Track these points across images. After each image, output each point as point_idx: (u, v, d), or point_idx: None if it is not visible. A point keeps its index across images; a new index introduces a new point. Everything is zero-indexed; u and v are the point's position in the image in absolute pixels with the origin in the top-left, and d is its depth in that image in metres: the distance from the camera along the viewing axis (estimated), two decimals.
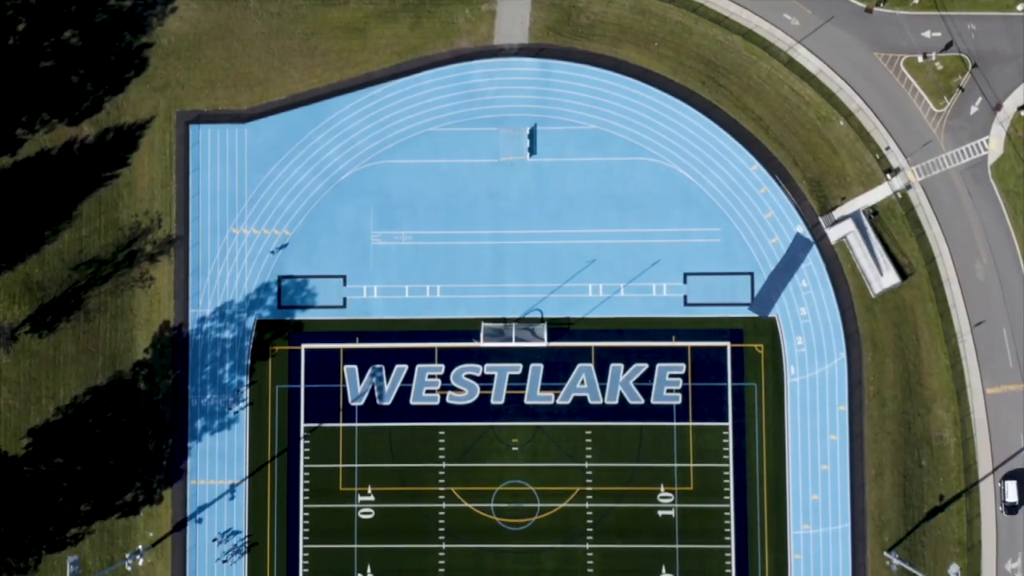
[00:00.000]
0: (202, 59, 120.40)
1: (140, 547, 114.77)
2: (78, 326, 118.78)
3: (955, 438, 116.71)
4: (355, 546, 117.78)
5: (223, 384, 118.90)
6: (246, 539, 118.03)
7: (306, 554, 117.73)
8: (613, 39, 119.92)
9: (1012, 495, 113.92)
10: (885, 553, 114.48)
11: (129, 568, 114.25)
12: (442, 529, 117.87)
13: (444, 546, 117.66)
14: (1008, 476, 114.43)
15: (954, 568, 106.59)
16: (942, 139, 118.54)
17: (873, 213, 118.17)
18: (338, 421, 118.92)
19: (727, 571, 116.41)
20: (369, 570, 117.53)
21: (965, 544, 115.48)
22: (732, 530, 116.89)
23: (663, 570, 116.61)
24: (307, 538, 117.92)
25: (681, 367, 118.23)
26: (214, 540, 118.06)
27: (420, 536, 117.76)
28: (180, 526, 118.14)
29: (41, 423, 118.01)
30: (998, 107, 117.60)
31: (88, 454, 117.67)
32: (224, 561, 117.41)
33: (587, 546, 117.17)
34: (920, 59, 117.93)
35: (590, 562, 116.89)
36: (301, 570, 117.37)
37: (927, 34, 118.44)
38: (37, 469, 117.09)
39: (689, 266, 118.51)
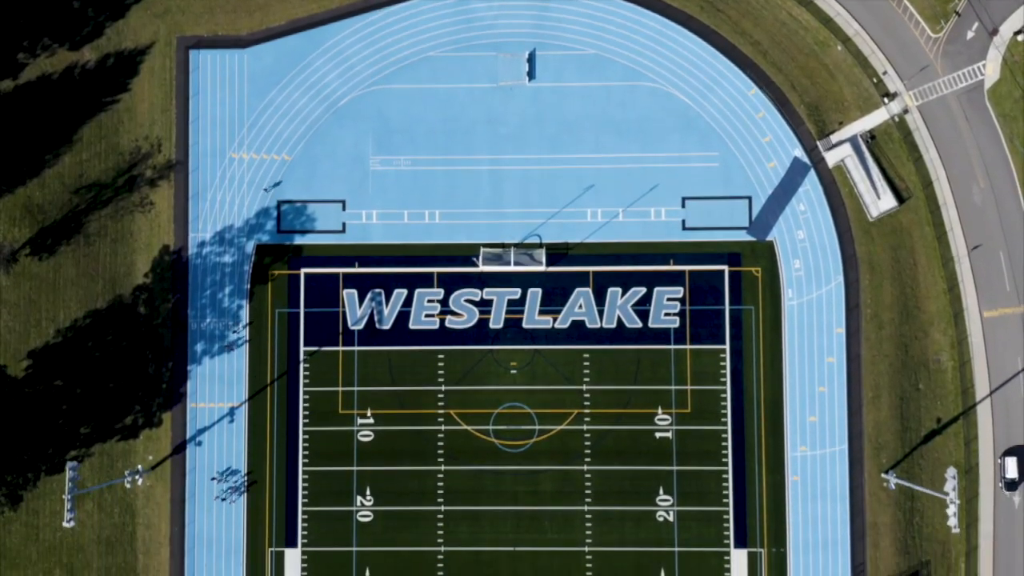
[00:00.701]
0: None
1: (139, 467, 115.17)
2: (78, 250, 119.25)
3: (952, 361, 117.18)
4: (354, 468, 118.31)
5: (223, 308, 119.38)
6: (245, 477, 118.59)
7: (305, 477, 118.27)
8: None
9: (1012, 471, 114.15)
10: (883, 475, 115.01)
11: (128, 486, 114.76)
12: (441, 451, 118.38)
13: (443, 468, 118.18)
14: (1008, 452, 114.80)
15: (951, 471, 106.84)
16: (939, 64, 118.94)
17: (871, 137, 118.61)
18: (337, 345, 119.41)
19: (724, 493, 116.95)
20: (368, 492, 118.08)
21: (963, 467, 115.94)
22: (729, 452, 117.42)
23: (660, 491, 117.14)
24: (306, 461, 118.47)
25: (679, 291, 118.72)
26: (213, 479, 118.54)
27: (419, 458, 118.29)
28: (179, 449, 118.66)
29: (41, 345, 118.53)
30: (994, 32, 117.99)
31: (88, 377, 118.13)
32: (223, 499, 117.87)
33: (585, 468, 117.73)
34: None
35: (588, 483, 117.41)
36: (300, 493, 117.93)
37: None
38: (37, 391, 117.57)
39: (687, 190, 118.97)
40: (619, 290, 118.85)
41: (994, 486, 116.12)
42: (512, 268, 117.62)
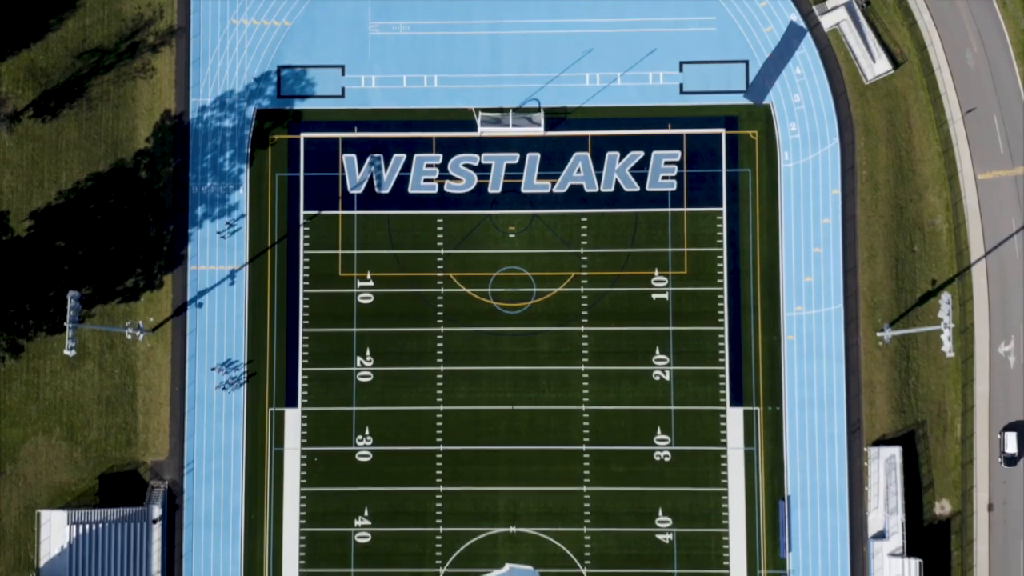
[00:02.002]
0: None
1: (140, 323, 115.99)
2: (81, 113, 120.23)
3: (947, 224, 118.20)
4: (354, 330, 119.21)
5: (223, 172, 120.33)
6: (245, 367, 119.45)
7: (306, 338, 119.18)
8: None
9: (1011, 446, 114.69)
10: (878, 333, 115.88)
11: (129, 337, 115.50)
12: (440, 313, 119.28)
13: (442, 329, 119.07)
14: (1008, 428, 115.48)
15: (946, 296, 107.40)
16: None
17: (866, 3, 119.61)
18: (337, 209, 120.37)
19: (720, 352, 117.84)
20: (368, 353, 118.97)
21: (959, 328, 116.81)
22: (726, 312, 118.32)
23: (657, 351, 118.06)
24: (307, 322, 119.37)
25: (676, 154, 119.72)
26: (212, 369, 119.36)
27: (419, 320, 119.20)
28: (180, 311, 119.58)
29: (43, 206, 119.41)
30: None
31: (89, 239, 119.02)
32: (224, 389, 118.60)
33: (582, 329, 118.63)
34: None
35: (585, 344, 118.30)
36: (301, 353, 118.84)
37: None
38: (39, 251, 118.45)
39: (685, 55, 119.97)
40: (617, 154, 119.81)
41: (989, 348, 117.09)
42: (511, 130, 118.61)
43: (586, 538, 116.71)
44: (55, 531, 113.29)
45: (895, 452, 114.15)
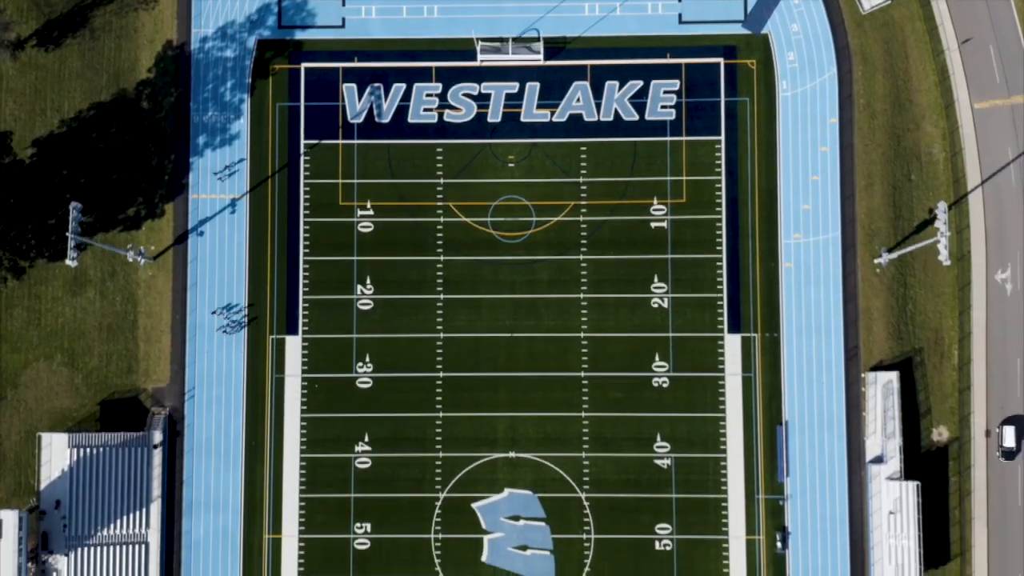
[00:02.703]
0: None
1: (142, 248, 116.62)
2: (83, 43, 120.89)
3: (944, 153, 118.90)
4: (354, 258, 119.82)
5: (224, 102, 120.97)
6: (246, 311, 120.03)
7: (306, 266, 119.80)
8: None
9: (1010, 441, 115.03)
10: (876, 260, 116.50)
11: (130, 259, 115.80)
12: (440, 242, 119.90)
13: (442, 258, 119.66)
14: (1006, 422, 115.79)
15: (941, 206, 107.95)
16: None
17: None
18: (337, 138, 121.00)
19: (719, 280, 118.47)
20: (368, 281, 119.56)
21: (955, 256, 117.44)
22: (724, 240, 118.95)
23: (655, 279, 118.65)
24: (307, 251, 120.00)
25: (675, 84, 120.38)
26: (214, 312, 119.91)
27: (418, 249, 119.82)
28: (181, 239, 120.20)
29: (46, 134, 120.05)
30: None
31: (91, 168, 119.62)
32: (225, 332, 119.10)
33: (581, 257, 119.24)
34: None
35: (584, 272, 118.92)
36: (301, 281, 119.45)
37: None
38: (41, 179, 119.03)
39: None
40: (616, 83, 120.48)
41: (986, 275, 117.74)
42: (510, 59, 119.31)
43: (584, 463, 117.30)
44: (56, 454, 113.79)
45: (892, 377, 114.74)
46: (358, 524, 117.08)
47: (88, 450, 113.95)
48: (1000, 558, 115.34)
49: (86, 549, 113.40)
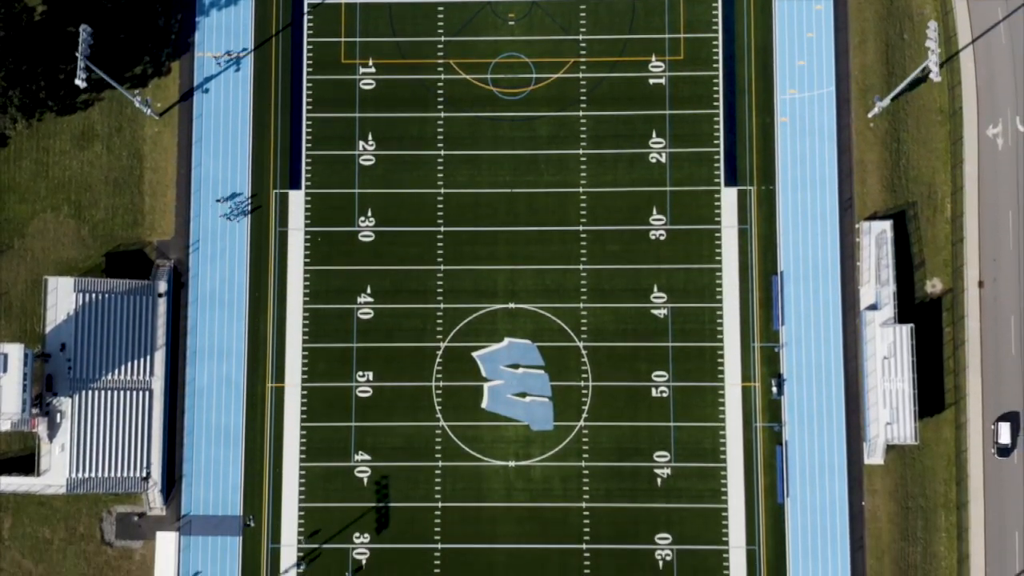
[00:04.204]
0: None
1: (148, 98, 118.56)
2: None
3: (935, 12, 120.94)
4: (356, 115, 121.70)
5: None
6: (248, 199, 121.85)
7: (309, 122, 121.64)
8: None
9: (1005, 437, 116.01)
10: (869, 114, 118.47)
11: (137, 104, 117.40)
12: (441, 99, 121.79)
13: (442, 115, 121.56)
14: (1001, 418, 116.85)
15: (932, 25, 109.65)
16: None
17: None
18: None
19: (715, 134, 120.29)
20: (370, 137, 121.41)
21: (947, 112, 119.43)
22: (721, 96, 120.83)
23: (653, 135, 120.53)
24: (310, 107, 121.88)
25: None
26: (218, 200, 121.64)
27: (419, 105, 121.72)
28: (187, 96, 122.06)
29: None
30: None
31: (99, 27, 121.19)
32: (230, 219, 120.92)
33: (580, 113, 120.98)
34: None
35: (583, 128, 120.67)
36: (304, 137, 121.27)
37: None
38: (51, 36, 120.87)
39: None
40: None
41: (977, 130, 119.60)
42: None
43: (583, 314, 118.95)
44: (61, 299, 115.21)
45: (886, 226, 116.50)
46: (360, 373, 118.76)
47: (94, 296, 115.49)
48: (994, 406, 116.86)
49: (90, 392, 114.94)
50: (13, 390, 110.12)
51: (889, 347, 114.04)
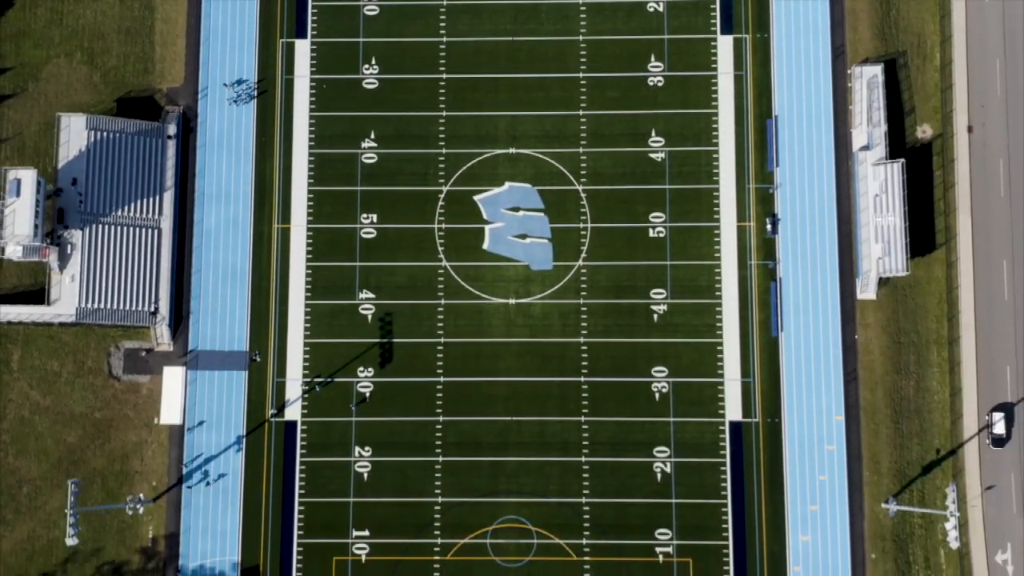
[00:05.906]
0: None
1: None
2: None
3: None
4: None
5: None
6: (255, 87, 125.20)
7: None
8: None
9: (1000, 428, 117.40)
10: None
11: None
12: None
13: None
14: (996, 408, 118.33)
15: None
16: None
17: None
18: None
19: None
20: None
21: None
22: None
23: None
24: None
25: None
26: (226, 85, 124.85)
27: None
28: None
29: None
30: None
31: None
32: (236, 103, 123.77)
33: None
34: None
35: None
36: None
37: None
38: None
39: None
40: None
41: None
42: None
43: (582, 158, 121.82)
44: (74, 135, 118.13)
45: (877, 71, 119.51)
46: (364, 215, 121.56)
47: (105, 134, 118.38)
48: (984, 245, 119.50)
49: (100, 226, 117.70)
50: (25, 214, 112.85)
51: (881, 184, 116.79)
